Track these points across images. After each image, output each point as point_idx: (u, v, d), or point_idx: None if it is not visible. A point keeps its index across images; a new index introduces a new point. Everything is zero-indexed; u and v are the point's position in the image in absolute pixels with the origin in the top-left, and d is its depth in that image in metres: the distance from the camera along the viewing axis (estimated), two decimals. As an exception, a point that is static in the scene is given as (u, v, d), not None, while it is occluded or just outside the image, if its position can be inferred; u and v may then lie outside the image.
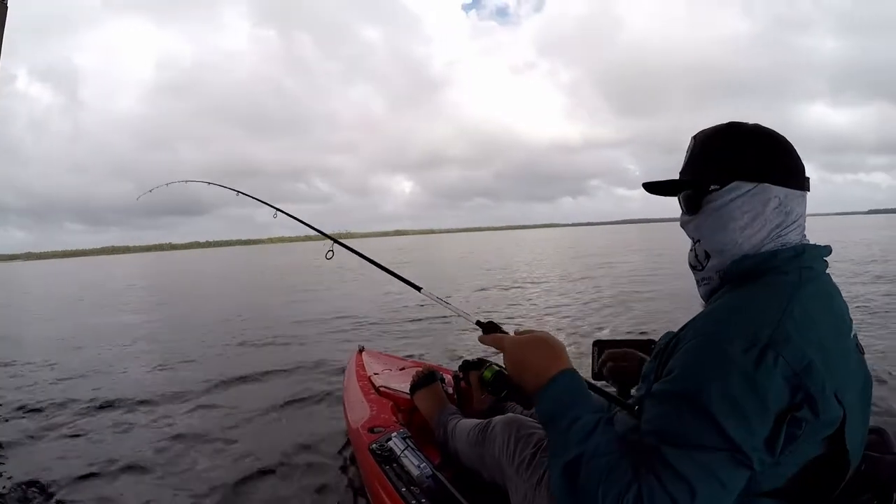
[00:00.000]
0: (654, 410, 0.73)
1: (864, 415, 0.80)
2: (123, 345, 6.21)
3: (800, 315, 0.71)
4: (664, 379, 0.74)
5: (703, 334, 0.73)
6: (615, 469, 0.69)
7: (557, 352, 0.85)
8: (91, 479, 2.47)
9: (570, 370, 0.83)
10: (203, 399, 3.73)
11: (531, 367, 0.84)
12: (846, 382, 0.73)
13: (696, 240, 0.90)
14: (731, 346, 0.68)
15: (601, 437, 0.73)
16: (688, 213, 0.90)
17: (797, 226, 0.83)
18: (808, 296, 0.75)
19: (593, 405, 0.79)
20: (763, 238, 0.82)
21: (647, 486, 0.65)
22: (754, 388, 0.66)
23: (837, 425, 0.70)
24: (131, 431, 3.13)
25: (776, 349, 0.67)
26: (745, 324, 0.70)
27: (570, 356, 0.85)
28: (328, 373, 4.12)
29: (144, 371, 4.79)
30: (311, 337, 6.07)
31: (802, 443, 0.69)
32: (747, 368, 0.66)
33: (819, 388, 0.67)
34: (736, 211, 0.82)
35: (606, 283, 9.79)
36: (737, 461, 0.66)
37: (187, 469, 2.54)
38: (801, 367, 0.67)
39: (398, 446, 1.63)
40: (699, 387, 0.68)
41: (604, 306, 7.00)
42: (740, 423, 0.65)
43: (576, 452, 0.72)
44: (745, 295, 0.78)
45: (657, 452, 0.67)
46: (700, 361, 0.70)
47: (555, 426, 0.78)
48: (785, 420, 0.66)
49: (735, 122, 0.86)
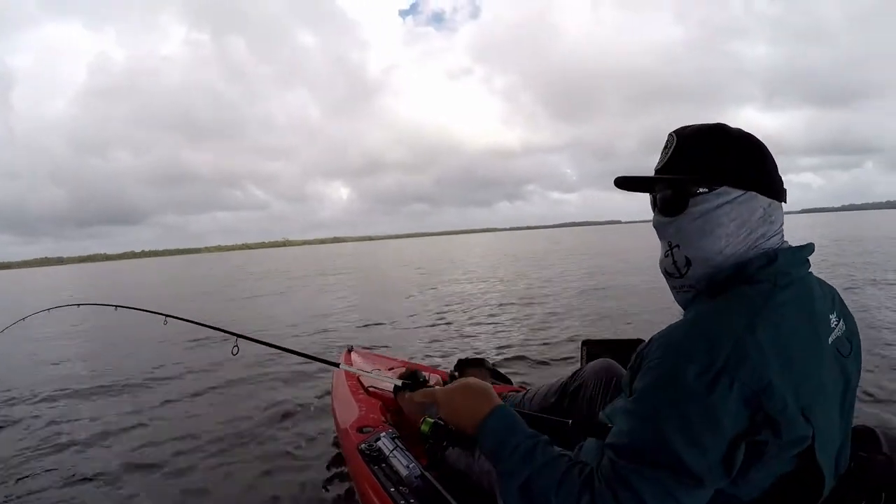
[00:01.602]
0: (617, 426, 0.74)
1: (845, 422, 0.79)
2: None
3: (765, 330, 0.68)
4: (630, 397, 0.75)
5: (664, 354, 0.71)
6: (565, 481, 0.72)
7: (485, 392, 0.91)
8: (98, 478, 2.44)
9: (500, 406, 0.88)
10: (188, 402, 3.70)
11: (466, 411, 0.89)
12: (817, 395, 0.71)
13: (673, 244, 0.84)
14: (686, 370, 0.67)
15: (543, 456, 0.77)
16: (665, 215, 0.84)
17: (777, 234, 0.81)
18: (779, 305, 0.72)
19: (529, 431, 0.83)
20: (747, 247, 0.79)
21: (600, 496, 0.68)
22: (708, 412, 0.65)
23: (808, 443, 0.69)
24: (112, 437, 3.10)
25: (731, 373, 0.65)
26: (704, 345, 0.68)
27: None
28: (317, 371, 4.10)
29: (123, 385, 4.72)
30: (300, 336, 6.03)
31: (770, 460, 0.69)
32: (701, 393, 0.65)
33: (779, 408, 0.66)
34: (724, 217, 0.78)
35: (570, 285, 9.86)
36: (688, 481, 0.66)
37: (176, 471, 2.52)
38: (760, 387, 0.65)
39: (387, 446, 1.63)
40: (655, 408, 0.69)
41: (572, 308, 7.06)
42: (692, 446, 0.65)
43: (524, 475, 0.76)
44: (712, 309, 0.75)
45: (613, 465, 0.69)
46: (657, 383, 0.70)
47: (498, 457, 0.81)
48: (743, 443, 0.66)
49: (723, 125, 0.82)
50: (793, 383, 0.67)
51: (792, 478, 0.71)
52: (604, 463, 0.71)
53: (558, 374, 1.44)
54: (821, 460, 0.70)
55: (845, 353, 0.80)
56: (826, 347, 0.76)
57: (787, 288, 0.75)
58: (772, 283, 0.75)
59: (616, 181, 0.86)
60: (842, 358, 0.79)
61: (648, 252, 13.86)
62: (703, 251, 0.80)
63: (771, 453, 0.68)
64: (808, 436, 0.69)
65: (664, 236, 0.86)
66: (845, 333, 0.82)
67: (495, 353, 4.59)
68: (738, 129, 0.82)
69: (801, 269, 0.80)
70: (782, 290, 0.74)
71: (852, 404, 0.81)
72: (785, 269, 0.77)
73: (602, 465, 0.71)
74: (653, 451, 0.67)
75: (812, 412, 0.69)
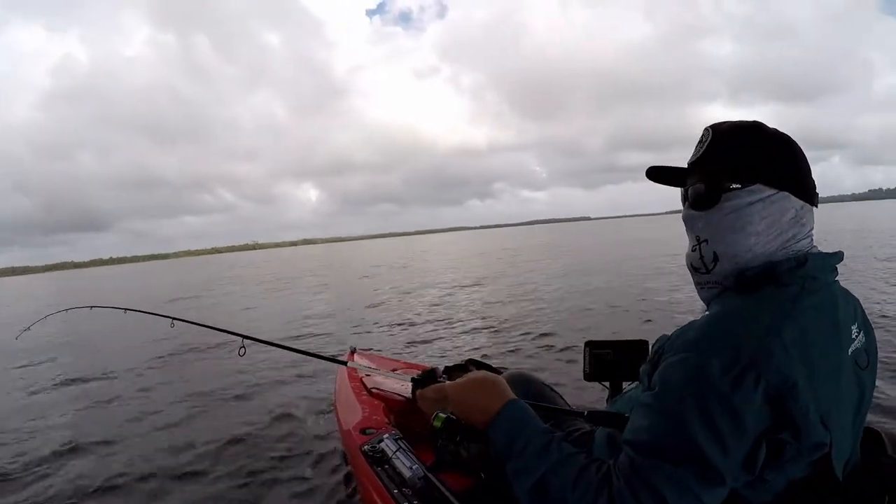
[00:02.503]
0: (636, 421, 0.72)
1: (856, 433, 0.79)
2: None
3: (791, 332, 0.68)
4: (649, 391, 0.74)
5: (687, 349, 0.70)
6: (582, 476, 0.70)
7: (498, 386, 0.87)
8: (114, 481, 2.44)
9: (512, 400, 0.84)
10: (190, 406, 3.71)
11: (477, 406, 0.86)
12: (835, 404, 0.70)
13: (702, 239, 0.83)
14: (711, 365, 0.66)
15: (558, 453, 0.74)
16: (696, 209, 0.83)
17: (808, 238, 0.80)
18: (806, 309, 0.71)
19: (543, 427, 0.80)
20: (776, 247, 0.78)
21: (619, 494, 0.66)
22: (732, 409, 0.64)
23: (825, 451, 0.68)
24: (127, 441, 3.10)
25: (757, 370, 0.64)
26: (730, 340, 0.68)
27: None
28: (320, 373, 4.10)
29: (131, 391, 4.73)
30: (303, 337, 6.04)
31: (786, 464, 0.68)
32: (725, 390, 0.64)
33: (803, 411, 0.65)
34: (755, 215, 0.77)
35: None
36: (710, 478, 0.65)
37: (177, 472, 2.52)
38: (786, 387, 0.64)
39: (390, 448, 1.62)
40: (678, 403, 0.67)
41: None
42: (716, 442, 0.64)
43: (538, 473, 0.74)
44: (739, 307, 0.75)
45: (632, 462, 0.68)
46: (680, 378, 0.68)
47: (510, 454, 0.79)
48: (764, 441, 0.65)
49: (760, 123, 0.81)
50: (814, 389, 0.66)
51: (805, 484, 0.70)
52: (622, 459, 0.69)
53: (557, 371, 1.42)
54: (836, 469, 0.69)
55: (863, 365, 0.79)
56: (846, 358, 0.75)
57: (814, 293, 0.74)
58: (800, 286, 0.74)
59: (647, 172, 0.86)
60: (859, 370, 0.78)
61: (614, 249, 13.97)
62: (732, 247, 0.79)
63: (788, 457, 0.67)
64: (826, 443, 0.68)
65: (693, 230, 0.85)
66: (864, 346, 0.81)
67: (494, 350, 4.59)
68: (775, 129, 0.81)
69: (829, 276, 0.79)
70: (810, 294, 0.73)
71: (864, 419, 0.80)
72: (814, 273, 0.76)
73: (620, 461, 0.69)
74: (675, 448, 0.66)
75: (830, 420, 0.68)
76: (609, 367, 1.51)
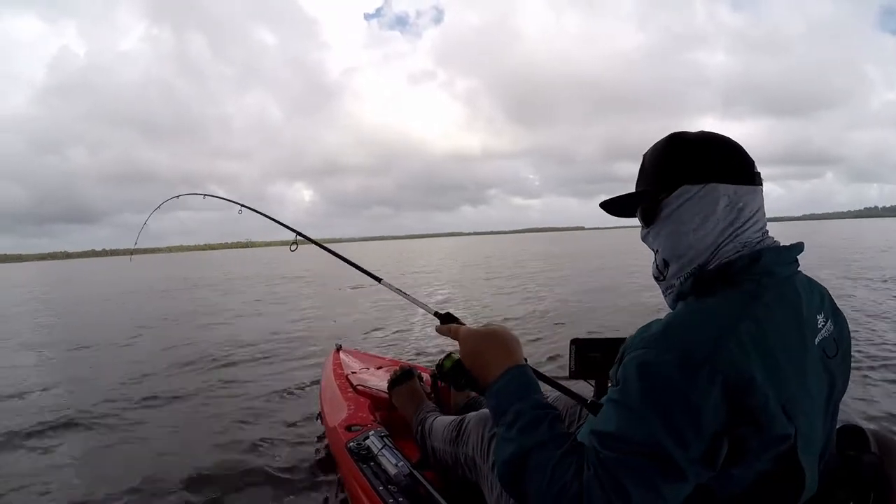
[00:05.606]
0: (602, 414, 0.73)
1: (829, 423, 0.80)
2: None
3: (747, 328, 0.69)
4: (614, 387, 0.75)
5: (647, 345, 0.72)
6: (559, 466, 0.70)
7: (511, 346, 0.87)
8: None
9: (520, 366, 0.84)
10: (174, 401, 3.65)
11: (484, 359, 0.86)
12: (800, 395, 0.71)
13: (655, 251, 0.88)
14: (667, 362, 0.67)
15: (547, 432, 0.75)
16: (645, 226, 0.89)
17: (754, 222, 0.81)
18: (763, 304, 0.73)
19: (540, 402, 0.80)
20: (717, 238, 0.80)
21: (587, 486, 0.67)
22: (689, 405, 0.65)
23: (790, 442, 0.69)
24: (106, 440, 3.06)
25: (713, 366, 0.66)
26: (687, 338, 0.70)
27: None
28: (305, 371, 4.07)
29: (114, 382, 4.66)
30: (283, 338, 5.99)
31: (751, 458, 0.69)
32: (682, 385, 0.66)
33: (761, 405, 0.66)
34: (685, 214, 0.81)
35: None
36: (671, 472, 0.66)
37: (162, 470, 2.48)
38: (742, 382, 0.66)
39: (376, 445, 1.62)
40: (638, 399, 0.68)
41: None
42: (675, 438, 0.65)
43: (524, 446, 0.74)
44: (697, 308, 0.77)
45: (598, 454, 0.69)
46: (639, 374, 0.69)
47: (502, 419, 0.79)
48: (725, 437, 0.66)
49: (678, 132, 0.86)
50: (775, 381, 0.68)
51: (773, 476, 0.71)
52: (589, 450, 0.71)
53: (542, 369, 1.41)
54: (803, 460, 0.70)
55: (831, 353, 0.81)
56: (812, 348, 0.77)
57: (771, 289, 0.76)
58: (756, 283, 0.76)
59: (602, 205, 0.92)
60: (827, 359, 0.79)
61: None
62: (676, 249, 0.83)
63: (752, 450, 0.68)
64: (791, 435, 0.69)
65: (649, 245, 0.90)
66: (833, 334, 0.82)
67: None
68: (696, 132, 0.85)
69: (786, 269, 0.80)
70: (766, 290, 0.75)
71: (837, 407, 0.82)
72: (769, 269, 0.77)
73: (587, 451, 0.71)
74: (636, 442, 0.67)
75: (794, 412, 0.69)
76: (595, 365, 1.52)
